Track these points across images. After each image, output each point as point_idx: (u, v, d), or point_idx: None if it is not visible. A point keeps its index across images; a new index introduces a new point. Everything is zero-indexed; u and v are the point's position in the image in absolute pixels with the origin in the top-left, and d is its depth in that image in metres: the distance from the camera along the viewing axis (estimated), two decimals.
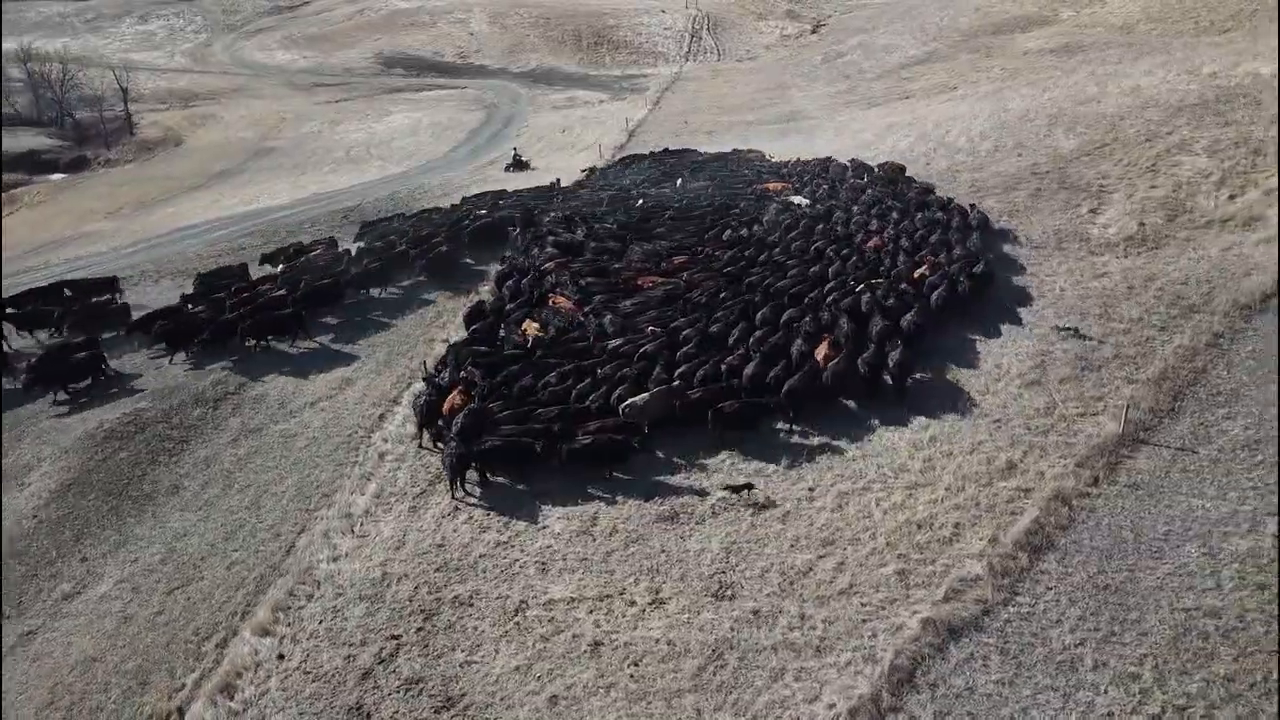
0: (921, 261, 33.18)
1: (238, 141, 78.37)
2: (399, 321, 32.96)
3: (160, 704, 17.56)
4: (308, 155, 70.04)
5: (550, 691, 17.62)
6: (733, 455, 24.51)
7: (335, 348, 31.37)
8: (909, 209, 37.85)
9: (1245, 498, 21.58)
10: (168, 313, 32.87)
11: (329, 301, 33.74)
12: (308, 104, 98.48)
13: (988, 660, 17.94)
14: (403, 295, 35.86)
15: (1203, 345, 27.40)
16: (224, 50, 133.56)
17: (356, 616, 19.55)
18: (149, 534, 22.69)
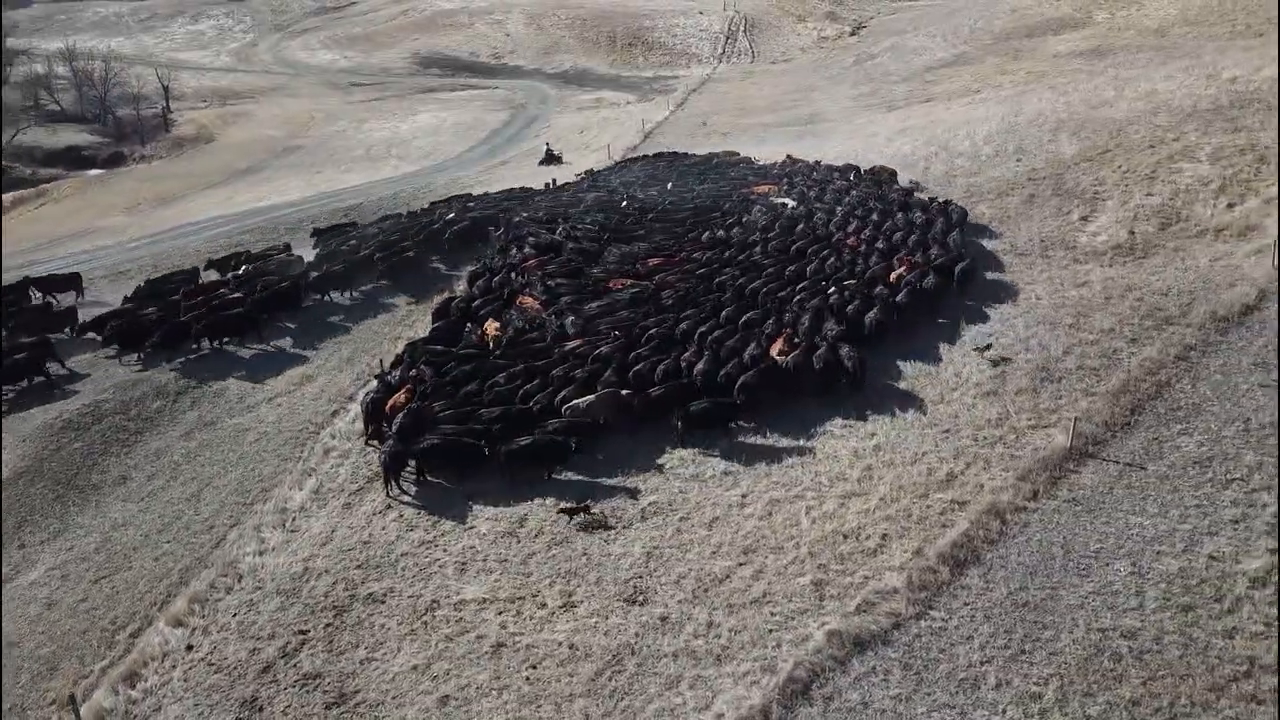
0: (900, 262, 32.97)
1: (265, 140, 79.82)
2: (368, 322, 33.20)
3: (64, 690, 17.91)
4: (329, 154, 71.12)
5: (443, 692, 17.63)
6: (674, 458, 24.35)
7: (301, 346, 31.76)
8: (890, 210, 37.58)
9: (1186, 516, 20.90)
10: (121, 314, 33.03)
11: (287, 305, 33.79)
12: (341, 103, 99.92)
13: (889, 675, 17.57)
14: (365, 299, 35.56)
15: (1171, 358, 26.55)
16: (268, 50, 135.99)
17: (270, 611, 19.75)
18: (89, 523, 23.20)
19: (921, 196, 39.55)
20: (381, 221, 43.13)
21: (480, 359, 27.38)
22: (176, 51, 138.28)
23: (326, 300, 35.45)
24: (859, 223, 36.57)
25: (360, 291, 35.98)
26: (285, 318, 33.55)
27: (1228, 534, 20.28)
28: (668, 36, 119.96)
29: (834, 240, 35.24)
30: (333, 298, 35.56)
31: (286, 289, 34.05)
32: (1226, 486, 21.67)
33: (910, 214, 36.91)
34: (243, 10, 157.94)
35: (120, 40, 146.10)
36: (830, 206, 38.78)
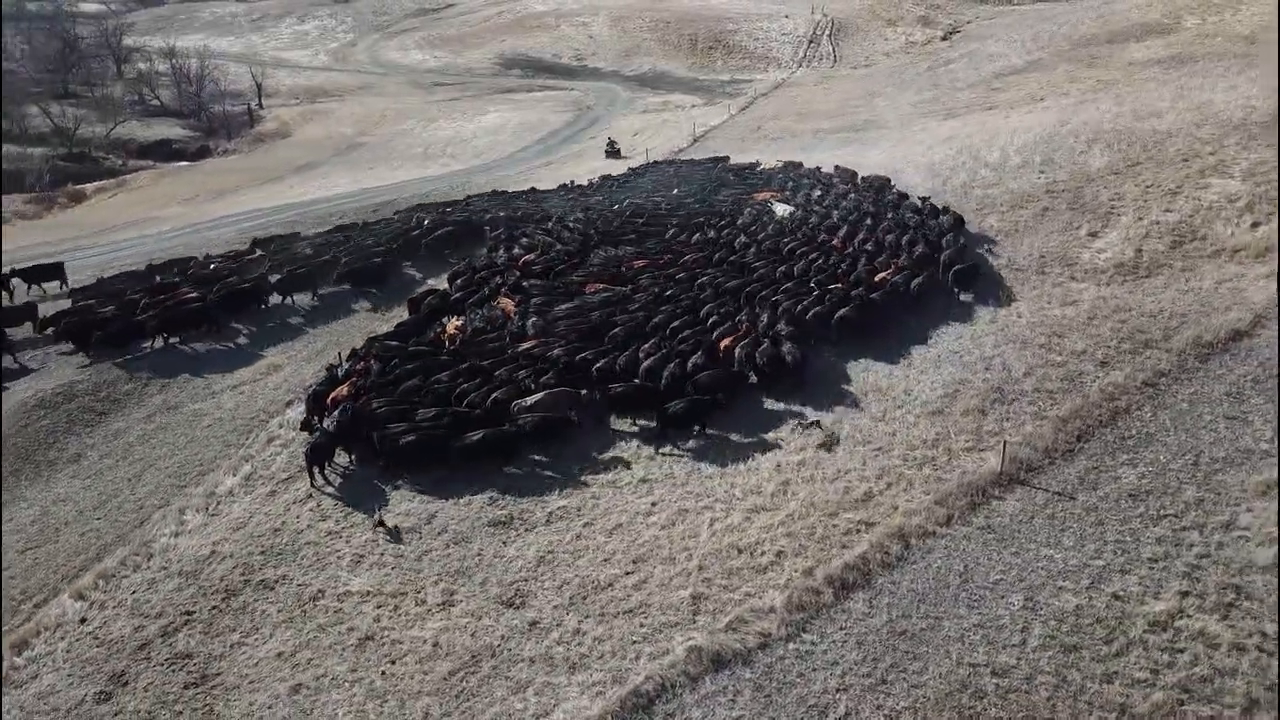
0: (886, 265, 32.99)
1: (336, 137, 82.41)
2: (348, 318, 33.93)
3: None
4: (389, 152, 72.98)
5: (298, 680, 17.93)
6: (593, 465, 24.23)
7: (275, 337, 32.75)
8: (881, 213, 37.76)
9: (1103, 551, 19.76)
10: (74, 310, 33.54)
11: (248, 304, 34.14)
12: (420, 102, 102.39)
13: (738, 696, 17.12)
14: (335, 301, 35.75)
15: (1137, 384, 25.12)
16: (365, 50, 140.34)
17: (166, 591, 20.43)
18: (34, 496, 24.42)
19: (915, 202, 39.39)
20: (331, 232, 42.84)
21: (429, 356, 27.74)
22: (281, 51, 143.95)
23: (289, 302, 35.50)
24: (849, 227, 36.46)
25: (319, 296, 35.83)
26: (246, 319, 33.82)
27: (1141, 573, 19.12)
28: (749, 40, 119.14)
29: (820, 242, 35.44)
30: (294, 300, 35.63)
31: (247, 289, 34.48)
32: (1156, 523, 20.43)
33: (901, 217, 36.82)
34: (347, 11, 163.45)
35: (230, 39, 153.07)
36: (825, 212, 38.59)
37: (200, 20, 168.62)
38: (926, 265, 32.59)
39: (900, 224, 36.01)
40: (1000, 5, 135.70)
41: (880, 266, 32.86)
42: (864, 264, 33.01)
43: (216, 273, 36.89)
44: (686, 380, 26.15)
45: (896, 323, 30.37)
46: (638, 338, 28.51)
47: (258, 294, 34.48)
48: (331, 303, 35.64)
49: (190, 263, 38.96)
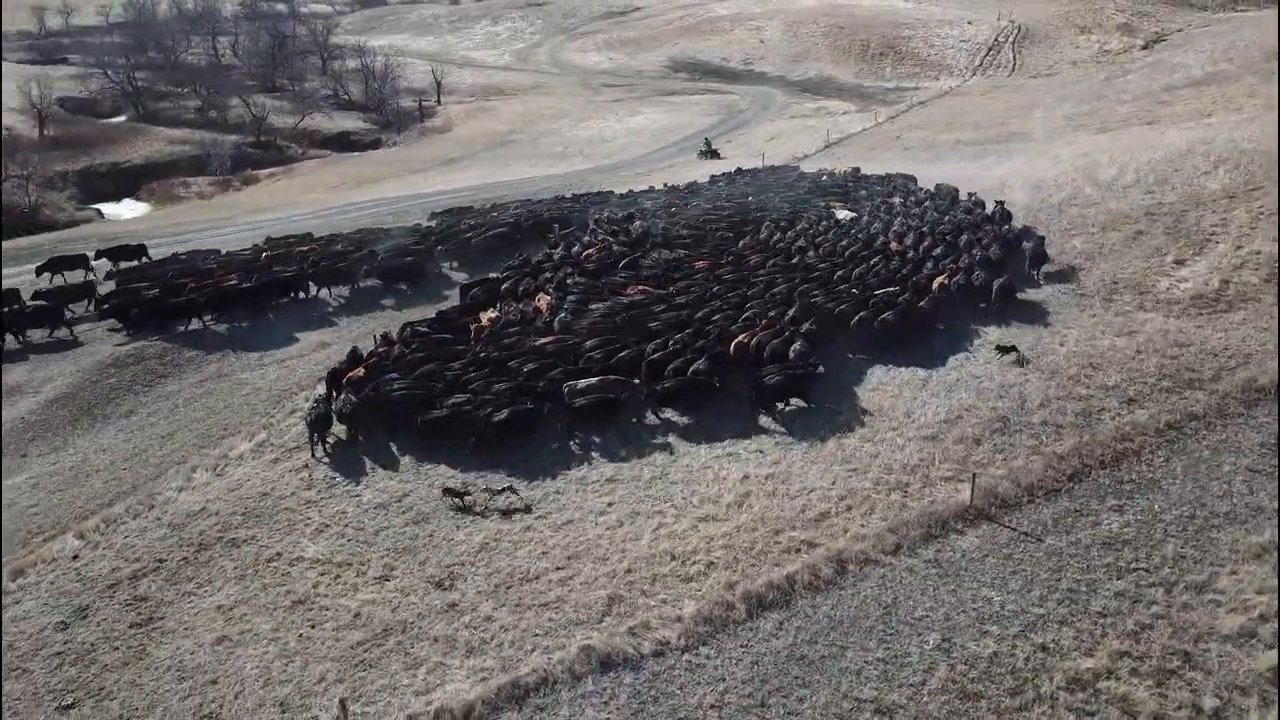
0: (942, 270, 32.66)
1: (490, 133, 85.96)
2: (410, 305, 35.82)
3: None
4: (532, 149, 75.44)
5: (225, 632, 19.19)
6: (575, 456, 24.53)
7: (335, 318, 34.84)
8: (939, 221, 37.98)
9: (1047, 599, 18.43)
10: (119, 291, 36.06)
11: (286, 293, 35.92)
12: (583, 102, 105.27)
13: (612, 699, 17.06)
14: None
15: (1159, 426, 23.14)
16: (548, 51, 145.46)
17: (152, 539, 22.29)
18: (81, 445, 27.11)
19: (981, 211, 39.41)
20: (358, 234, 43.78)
21: (452, 344, 28.85)
22: (471, 50, 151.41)
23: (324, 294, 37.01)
24: (914, 234, 36.52)
25: (349, 290, 37.24)
26: (287, 304, 35.82)
27: (1082, 626, 17.72)
28: (924, 47, 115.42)
29: (879, 245, 35.56)
30: (330, 292, 37.13)
31: (288, 278, 36.42)
32: (1120, 575, 18.84)
33: (960, 224, 37.06)
34: (538, 14, 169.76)
35: (430, 39, 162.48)
36: (887, 218, 38.63)
37: (407, 21, 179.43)
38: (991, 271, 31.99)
39: (958, 228, 36.06)
40: (1218, 12, 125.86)
41: (944, 272, 32.37)
42: (909, 269, 33.13)
43: (256, 262, 39.12)
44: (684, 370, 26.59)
45: (936, 333, 29.21)
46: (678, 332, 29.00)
47: (296, 284, 36.42)
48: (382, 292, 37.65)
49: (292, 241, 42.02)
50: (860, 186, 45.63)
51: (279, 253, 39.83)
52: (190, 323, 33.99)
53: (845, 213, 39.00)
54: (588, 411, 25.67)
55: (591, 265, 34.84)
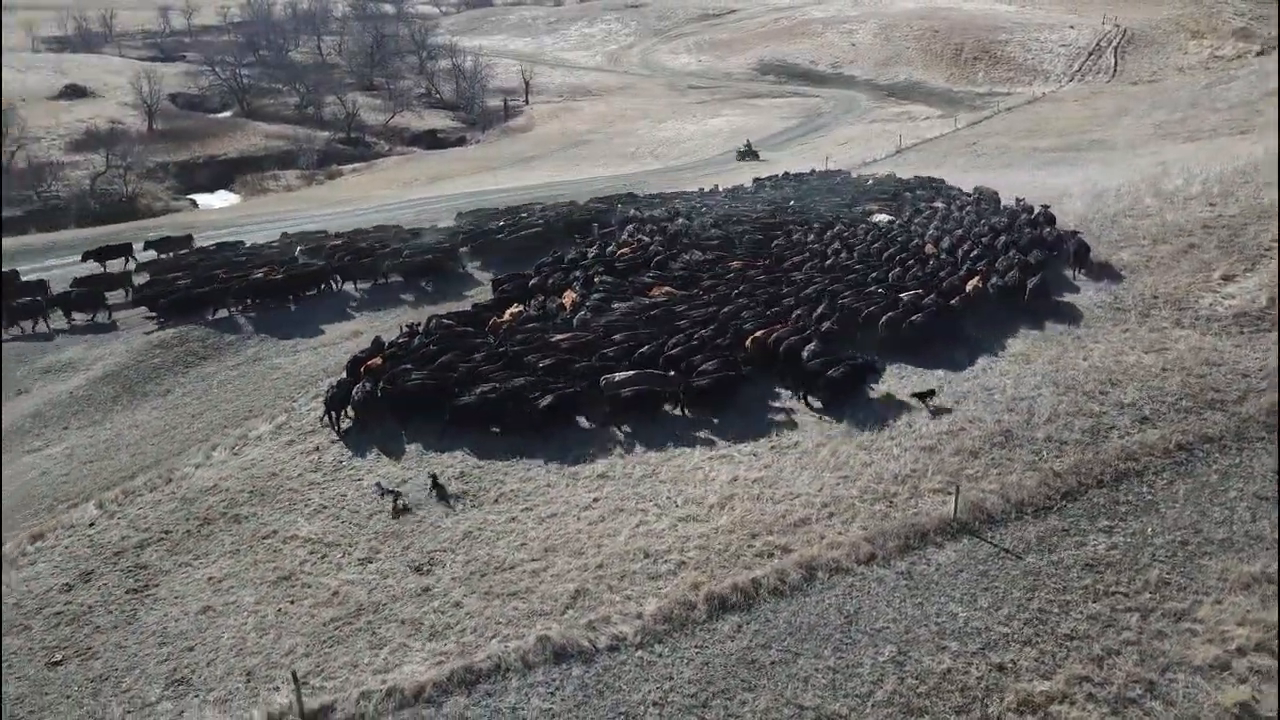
0: (974, 273, 32.35)
1: (568, 133, 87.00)
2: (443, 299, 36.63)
3: None
4: (606, 150, 76.06)
5: (210, 603, 20.06)
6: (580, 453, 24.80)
7: (372, 309, 35.90)
8: (977, 224, 37.85)
9: (1014, 618, 17.95)
10: (152, 282, 37.87)
11: (311, 286, 37.12)
12: (666, 104, 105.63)
13: (559, 690, 17.27)
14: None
15: (1170, 446, 22.25)
16: (639, 53, 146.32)
17: (164, 511, 23.42)
18: (118, 421, 28.59)
19: (1026, 216, 38.91)
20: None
21: (472, 337, 29.49)
22: (565, 51, 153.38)
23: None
24: (951, 237, 36.37)
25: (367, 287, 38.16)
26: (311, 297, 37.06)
27: (1046, 648, 17.23)
28: (1020, 51, 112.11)
29: (915, 248, 35.49)
30: (355, 286, 38.18)
31: (313, 271, 37.77)
32: (1096, 599, 18.22)
33: (998, 227, 36.99)
34: (633, 16, 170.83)
35: (526, 40, 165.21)
36: (925, 222, 38.67)
37: (506, 23, 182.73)
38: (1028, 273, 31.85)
39: (994, 231, 36.25)
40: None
41: (981, 274, 32.19)
42: (944, 271, 32.97)
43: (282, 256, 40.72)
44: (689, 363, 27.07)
45: (963, 339, 28.69)
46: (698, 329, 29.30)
47: (321, 277, 37.60)
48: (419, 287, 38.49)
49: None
50: (905, 190, 45.25)
51: (311, 246, 41.28)
52: (217, 312, 35.52)
53: (883, 216, 38.54)
54: (632, 403, 25.93)
55: (621, 264, 35.13)
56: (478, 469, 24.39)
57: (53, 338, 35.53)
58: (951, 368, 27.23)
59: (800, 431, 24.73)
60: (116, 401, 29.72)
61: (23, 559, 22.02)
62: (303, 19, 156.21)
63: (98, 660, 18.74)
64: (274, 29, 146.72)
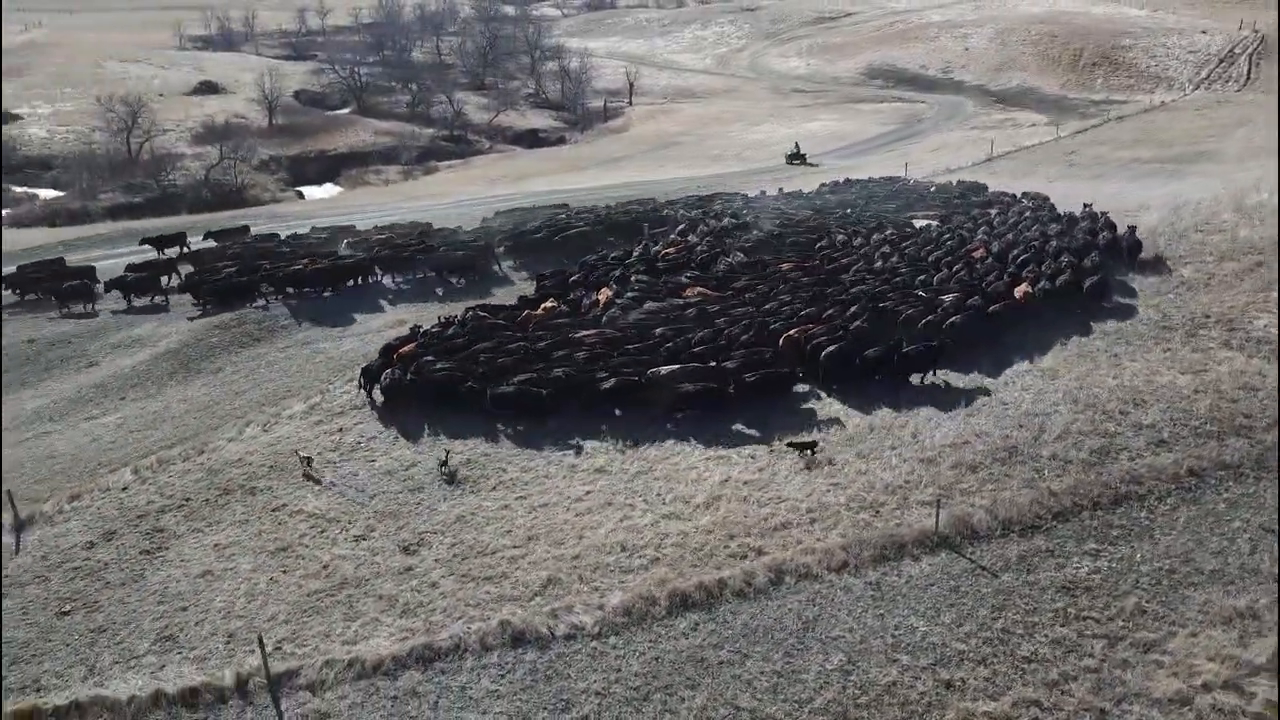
0: (1019, 279, 32.04)
1: (661, 134, 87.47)
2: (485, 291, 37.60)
3: (40, 498, 24.64)
4: (694, 151, 76.17)
5: (211, 567, 21.19)
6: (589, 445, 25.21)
7: (422, 301, 37.12)
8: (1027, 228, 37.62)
9: (974, 635, 17.55)
10: (196, 271, 40.01)
11: (351, 277, 38.44)
12: (766, 107, 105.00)
13: (510, 673, 17.68)
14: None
15: (1181, 472, 21.33)
16: (749, 56, 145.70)
17: (190, 480, 24.83)
18: (169, 394, 30.33)
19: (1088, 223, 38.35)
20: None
21: (502, 329, 30.32)
22: (675, 54, 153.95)
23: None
24: (1002, 242, 36.09)
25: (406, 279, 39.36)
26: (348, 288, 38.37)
27: (1000, 668, 16.82)
28: (1143, 58, 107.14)
29: (963, 253, 35.16)
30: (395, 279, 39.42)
31: (351, 264, 39.13)
32: (1066, 623, 17.72)
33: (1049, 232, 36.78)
34: (747, 19, 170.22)
35: (639, 42, 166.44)
36: (974, 227, 38.48)
37: (622, 25, 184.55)
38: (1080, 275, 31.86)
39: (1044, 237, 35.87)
40: None
41: (1027, 279, 31.80)
42: (991, 275, 32.72)
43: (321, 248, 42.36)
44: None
45: (999, 346, 28.04)
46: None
47: (359, 270, 38.97)
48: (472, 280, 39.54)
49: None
50: (965, 197, 44.87)
51: (358, 239, 43.24)
52: (256, 300, 37.29)
53: (923, 220, 38.07)
54: (692, 398, 26.18)
55: (663, 264, 35.41)
56: (484, 456, 25.06)
57: (96, 315, 38.18)
58: (974, 377, 26.60)
59: (805, 436, 24.53)
60: (172, 376, 31.60)
61: (59, 516, 23.71)
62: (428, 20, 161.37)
63: (100, 613, 20.07)
64: (400, 30, 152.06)
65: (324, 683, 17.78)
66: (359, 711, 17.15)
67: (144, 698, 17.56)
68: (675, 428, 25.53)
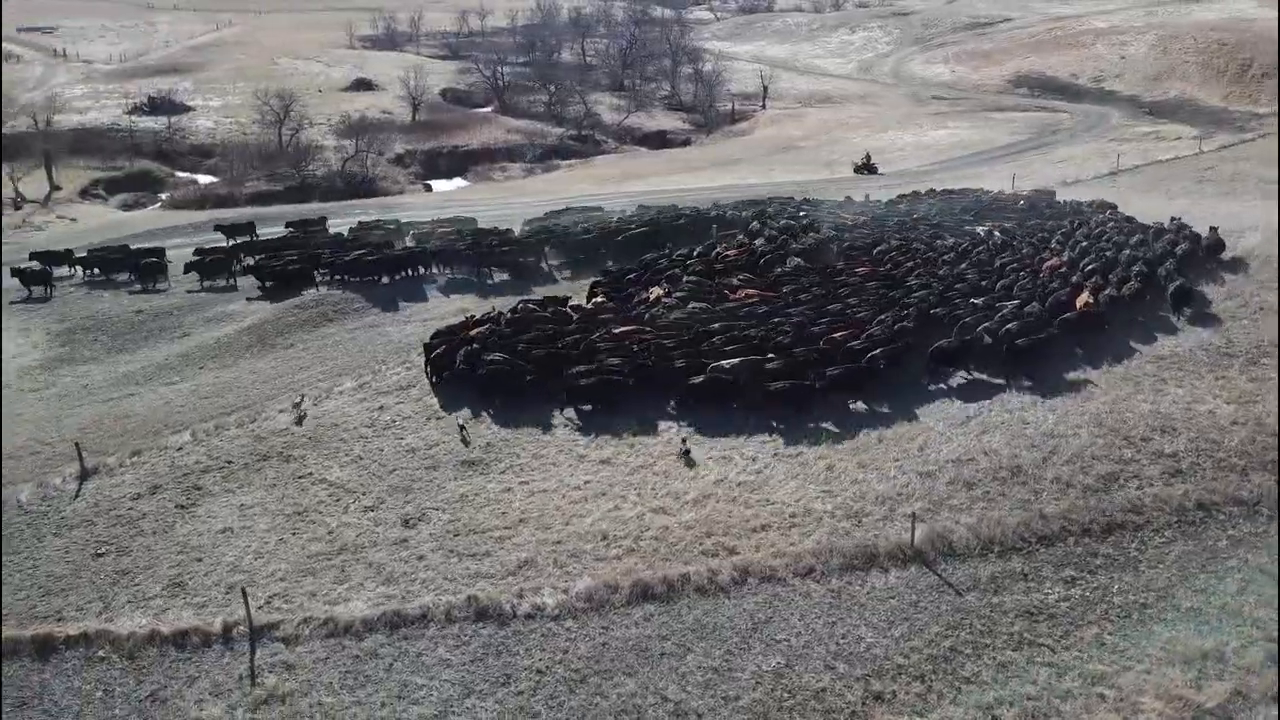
0: (1081, 287, 31.42)
1: (781, 139, 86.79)
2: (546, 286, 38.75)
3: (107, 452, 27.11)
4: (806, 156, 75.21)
5: (231, 524, 22.86)
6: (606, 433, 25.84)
7: (486, 291, 38.54)
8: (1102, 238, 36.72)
9: (918, 651, 17.35)
10: (266, 257, 42.45)
11: (404, 267, 40.13)
12: (899, 114, 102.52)
13: (466, 645, 18.49)
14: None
15: (1189, 505, 20.33)
16: (893, 62, 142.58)
17: (236, 445, 26.78)
18: (243, 366, 32.59)
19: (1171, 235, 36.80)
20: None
21: (547, 322, 31.31)
22: (818, 59, 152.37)
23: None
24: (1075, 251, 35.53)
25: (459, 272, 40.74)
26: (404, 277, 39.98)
27: (933, 686, 16.67)
28: None
29: (1033, 262, 34.86)
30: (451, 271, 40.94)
31: (404, 256, 40.77)
32: (1017, 647, 17.35)
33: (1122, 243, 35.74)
34: (898, 24, 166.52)
35: (785, 46, 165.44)
36: (1035, 236, 38.14)
37: (769, 29, 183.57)
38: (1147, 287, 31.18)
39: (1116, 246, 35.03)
40: None
41: (1089, 288, 31.17)
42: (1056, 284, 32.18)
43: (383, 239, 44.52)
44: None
45: (1049, 357, 27.35)
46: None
47: (413, 261, 40.65)
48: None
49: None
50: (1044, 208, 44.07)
51: (423, 233, 45.58)
52: (314, 285, 39.71)
53: (983, 229, 37.27)
54: (785, 395, 26.35)
55: (721, 265, 35.66)
56: (503, 441, 26.05)
57: (167, 289, 41.86)
58: (1003, 392, 25.79)
59: (811, 440, 24.42)
60: (249, 350, 34.03)
61: (119, 469, 26.06)
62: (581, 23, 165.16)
63: (127, 558, 22.05)
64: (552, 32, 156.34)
65: (298, 637, 19.06)
66: (321, 666, 18.33)
67: (141, 635, 19.28)
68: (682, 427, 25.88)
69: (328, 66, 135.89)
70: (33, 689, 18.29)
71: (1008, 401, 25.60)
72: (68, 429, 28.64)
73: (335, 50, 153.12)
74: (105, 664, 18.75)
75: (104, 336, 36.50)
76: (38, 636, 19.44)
